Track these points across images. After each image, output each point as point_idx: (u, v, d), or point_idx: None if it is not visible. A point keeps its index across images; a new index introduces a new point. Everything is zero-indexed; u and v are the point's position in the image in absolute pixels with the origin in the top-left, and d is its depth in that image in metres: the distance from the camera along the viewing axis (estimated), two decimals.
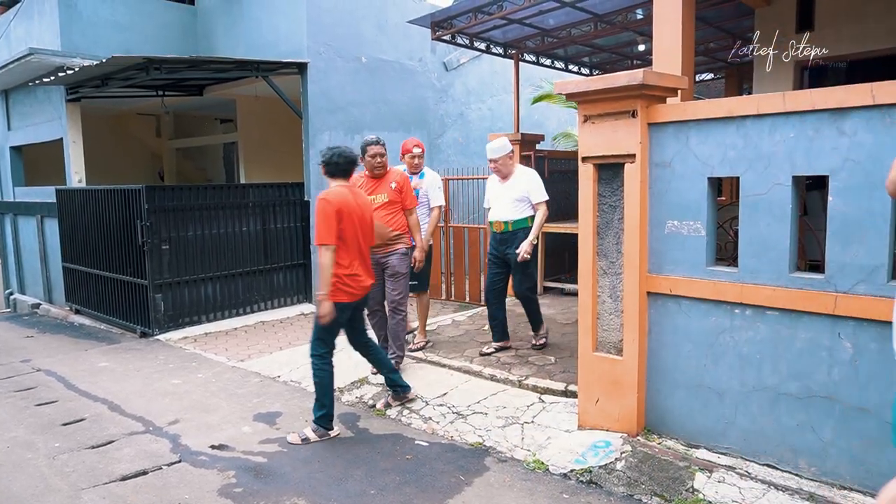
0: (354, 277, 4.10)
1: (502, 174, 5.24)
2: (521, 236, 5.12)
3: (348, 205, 4.01)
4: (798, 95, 3.12)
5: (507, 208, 5.19)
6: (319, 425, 4.16)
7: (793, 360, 3.23)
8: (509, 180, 5.24)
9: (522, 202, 5.18)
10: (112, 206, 7.75)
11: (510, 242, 5.20)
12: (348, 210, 4.00)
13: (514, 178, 5.23)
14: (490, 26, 7.32)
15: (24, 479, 3.69)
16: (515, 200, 5.18)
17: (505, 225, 5.22)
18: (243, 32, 9.35)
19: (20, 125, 10.83)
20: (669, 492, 3.24)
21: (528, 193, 5.16)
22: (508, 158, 5.21)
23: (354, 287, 4.11)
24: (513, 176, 5.25)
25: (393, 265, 4.93)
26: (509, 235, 5.21)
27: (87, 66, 7.47)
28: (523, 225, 5.19)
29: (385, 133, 9.40)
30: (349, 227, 4.01)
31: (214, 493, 3.47)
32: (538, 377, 4.82)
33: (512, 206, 5.18)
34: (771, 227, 3.25)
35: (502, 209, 5.23)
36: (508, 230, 5.20)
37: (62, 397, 5.24)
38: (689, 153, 3.51)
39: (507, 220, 5.20)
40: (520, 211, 5.18)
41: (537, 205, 5.18)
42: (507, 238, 5.22)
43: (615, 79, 3.55)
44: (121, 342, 7.28)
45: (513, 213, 5.18)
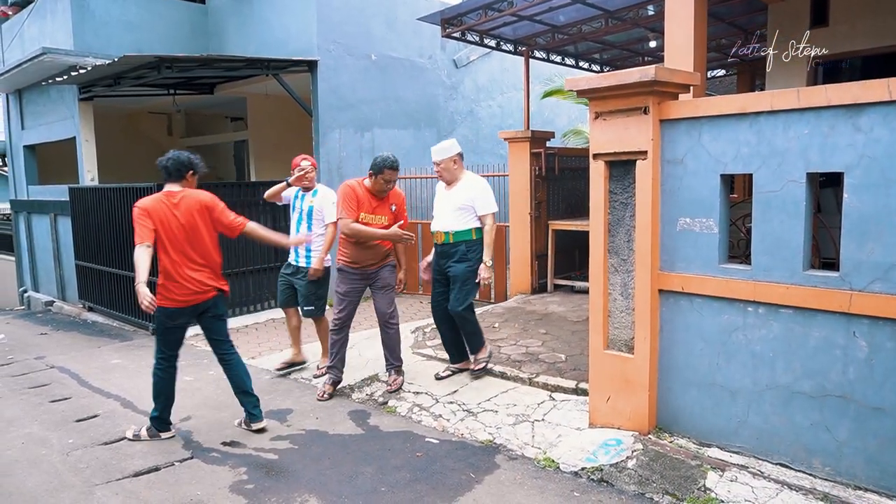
0: (178, 284, 3.99)
1: (446, 179, 4.73)
2: (463, 249, 4.64)
3: (161, 210, 3.94)
4: (813, 91, 3.08)
5: (449, 217, 4.66)
6: (152, 426, 4.22)
7: (807, 359, 3.19)
8: (454, 187, 4.72)
9: (466, 211, 4.63)
10: (124, 205, 7.79)
11: (450, 256, 4.69)
12: (165, 215, 3.94)
13: (460, 186, 4.70)
14: (500, 23, 7.29)
15: (39, 475, 3.73)
16: (458, 209, 4.63)
17: (445, 236, 4.69)
18: (254, 31, 9.38)
19: (34, 124, 10.94)
20: (681, 490, 3.22)
21: (473, 202, 4.62)
22: (453, 163, 4.68)
23: (178, 293, 3.99)
24: (459, 183, 4.71)
25: (384, 277, 4.84)
26: (449, 248, 4.69)
27: (99, 66, 7.52)
28: (466, 237, 4.65)
29: (395, 131, 9.42)
30: (167, 231, 3.94)
31: (226, 490, 3.48)
32: (549, 375, 4.81)
33: (454, 215, 4.64)
34: (785, 225, 3.21)
35: (443, 218, 4.72)
36: (449, 242, 4.68)
37: (76, 394, 5.29)
38: (701, 150, 3.48)
39: (447, 231, 4.67)
40: (462, 221, 4.64)
41: (483, 217, 4.63)
42: (447, 251, 4.71)
43: (627, 75, 3.53)
44: (133, 339, 7.34)
45: (454, 222, 4.64)
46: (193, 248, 4.03)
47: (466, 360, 4.99)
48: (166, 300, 4.01)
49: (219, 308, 4.22)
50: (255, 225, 4.36)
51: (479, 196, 4.63)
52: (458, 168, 4.71)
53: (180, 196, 4.03)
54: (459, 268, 4.65)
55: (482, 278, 4.61)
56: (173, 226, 3.97)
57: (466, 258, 4.65)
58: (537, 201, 7.75)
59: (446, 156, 4.65)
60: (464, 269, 4.64)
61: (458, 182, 4.70)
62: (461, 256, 4.64)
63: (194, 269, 4.04)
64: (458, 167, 4.71)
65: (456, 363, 5.03)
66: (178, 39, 9.95)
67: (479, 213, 4.63)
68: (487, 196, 4.66)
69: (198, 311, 4.14)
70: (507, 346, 5.65)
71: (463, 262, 4.65)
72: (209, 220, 4.10)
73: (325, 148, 8.54)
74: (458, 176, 4.71)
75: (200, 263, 4.07)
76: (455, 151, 4.66)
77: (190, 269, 4.02)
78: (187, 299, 4.05)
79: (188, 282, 4.02)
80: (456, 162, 4.68)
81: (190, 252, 4.02)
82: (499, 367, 5.07)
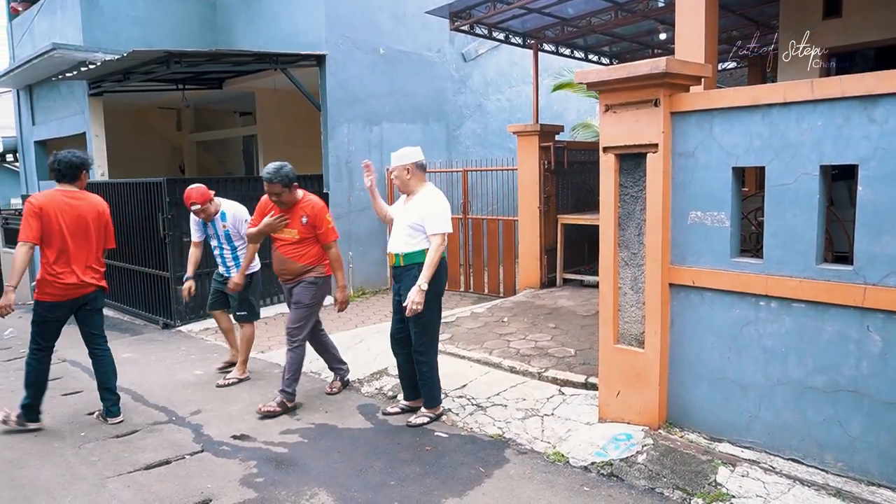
0: (57, 277, 4.13)
1: (402, 190, 4.28)
2: (415, 273, 4.04)
3: (56, 207, 4.12)
4: (827, 83, 3.04)
5: (400, 237, 4.16)
6: (22, 413, 4.29)
7: (819, 354, 3.16)
8: (411, 201, 4.20)
9: (417, 232, 4.10)
10: (134, 200, 7.84)
11: (402, 280, 4.16)
12: (55, 212, 4.11)
13: (415, 200, 4.17)
14: (509, 16, 7.25)
15: (51, 468, 3.76)
16: (408, 227, 4.12)
17: (396, 258, 4.16)
18: (262, 25, 9.38)
19: (44, 120, 11.00)
20: (692, 485, 3.20)
21: (423, 221, 4.06)
22: (406, 172, 4.16)
23: (57, 287, 4.15)
24: (415, 197, 4.19)
25: (297, 293, 4.60)
26: (401, 272, 4.16)
27: (108, 61, 7.55)
28: (418, 259, 4.08)
29: (403, 125, 9.41)
30: (54, 227, 4.11)
31: (236, 483, 3.50)
32: (558, 369, 4.79)
33: (405, 233, 4.13)
34: (798, 218, 3.18)
35: (395, 237, 4.20)
36: (400, 265, 4.15)
37: (87, 387, 5.32)
38: (713, 142, 3.45)
39: (398, 253, 4.14)
40: (414, 242, 4.10)
41: (431, 236, 4.05)
42: (398, 275, 4.21)
43: (637, 67, 3.49)
44: (144, 333, 7.38)
45: (404, 243, 4.12)
46: (82, 247, 4.24)
47: (420, 398, 4.37)
48: (47, 294, 4.18)
49: (98, 302, 4.44)
50: None
51: (427, 214, 4.06)
52: (411, 178, 4.18)
53: (79, 197, 4.28)
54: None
55: (411, 301, 3.94)
56: (67, 224, 4.16)
57: None
58: (546, 195, 7.72)
59: (398, 163, 4.17)
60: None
61: (414, 196, 4.20)
62: (412, 283, 4.04)
63: (80, 267, 4.23)
64: (413, 178, 4.18)
65: (409, 400, 4.45)
66: (186, 34, 9.97)
67: (428, 233, 4.06)
68: (439, 214, 4.09)
69: (77, 305, 4.32)
70: (516, 340, 5.64)
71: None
72: (100, 226, 4.37)
73: (334, 142, 8.54)
74: (414, 189, 4.20)
75: (85, 262, 4.27)
76: (410, 160, 4.16)
77: (76, 266, 4.21)
78: (68, 293, 4.22)
79: (72, 277, 4.19)
80: (409, 171, 4.16)
81: (78, 251, 4.21)
82: (508, 361, 5.06)
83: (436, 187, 4.31)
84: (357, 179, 8.87)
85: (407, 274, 4.12)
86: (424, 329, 4.14)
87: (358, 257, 8.98)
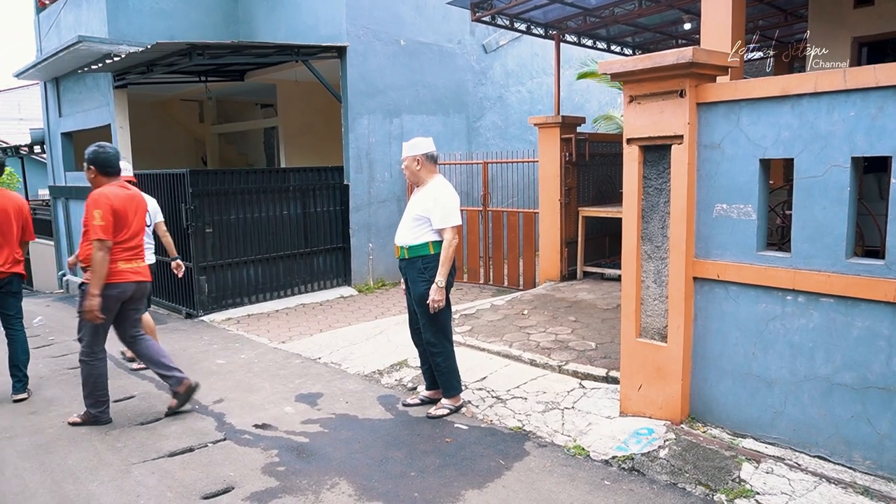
0: None
1: (412, 181, 4.26)
2: (420, 266, 4.08)
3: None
4: (860, 72, 2.96)
5: (406, 228, 4.14)
6: None
7: (848, 350, 3.10)
8: (419, 193, 4.18)
9: (422, 223, 4.07)
10: (158, 190, 7.92)
11: (408, 273, 4.17)
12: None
13: (423, 192, 4.14)
14: (531, 6, 7.18)
15: (79, 453, 3.84)
16: (414, 219, 4.10)
17: (401, 251, 4.16)
18: (283, 17, 9.40)
19: (70, 112, 11.17)
20: (715, 481, 3.17)
21: (429, 213, 4.03)
22: (416, 163, 4.13)
23: None
24: (424, 188, 4.15)
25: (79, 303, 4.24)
26: (406, 264, 4.16)
27: (133, 53, 7.62)
28: (423, 252, 4.07)
29: (424, 116, 9.39)
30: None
31: (258, 472, 3.54)
32: (579, 363, 4.77)
33: (410, 226, 4.11)
34: (827, 211, 3.11)
35: (401, 229, 4.19)
36: (405, 257, 4.14)
37: (112, 375, 5.38)
38: (740, 134, 3.38)
39: (403, 245, 4.14)
40: (418, 234, 4.08)
41: (441, 231, 4.03)
42: (404, 268, 4.20)
43: (663, 57, 3.44)
44: (167, 323, 7.48)
45: (410, 235, 4.10)
46: (4, 237, 4.69)
47: (440, 388, 4.36)
48: None
49: (13, 286, 4.83)
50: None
51: (434, 207, 4.02)
52: (421, 170, 4.14)
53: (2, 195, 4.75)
54: (418, 289, 4.11)
55: (431, 300, 3.99)
56: None
57: (423, 277, 4.08)
58: (567, 187, 7.66)
59: (409, 153, 4.15)
60: (422, 290, 4.07)
61: (423, 187, 4.17)
62: (417, 275, 4.08)
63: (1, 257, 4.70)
64: (423, 169, 4.15)
65: (429, 390, 4.46)
66: (208, 26, 10.04)
67: (435, 227, 4.03)
68: (446, 207, 4.03)
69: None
70: (536, 333, 5.61)
71: (420, 282, 4.09)
72: (21, 220, 4.82)
73: (355, 134, 8.56)
74: (425, 180, 4.17)
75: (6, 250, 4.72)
76: (420, 151, 4.12)
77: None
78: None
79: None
80: (419, 162, 4.13)
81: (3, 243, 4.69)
82: (528, 354, 5.04)
83: (445, 179, 4.26)
84: (377, 171, 8.89)
85: (412, 266, 4.11)
86: (433, 321, 4.12)
87: (378, 249, 9.01)
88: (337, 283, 8.78)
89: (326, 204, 8.60)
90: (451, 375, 4.23)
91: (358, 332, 6.29)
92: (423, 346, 4.31)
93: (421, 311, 4.13)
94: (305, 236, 8.42)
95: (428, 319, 4.13)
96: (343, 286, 8.78)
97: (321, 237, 8.57)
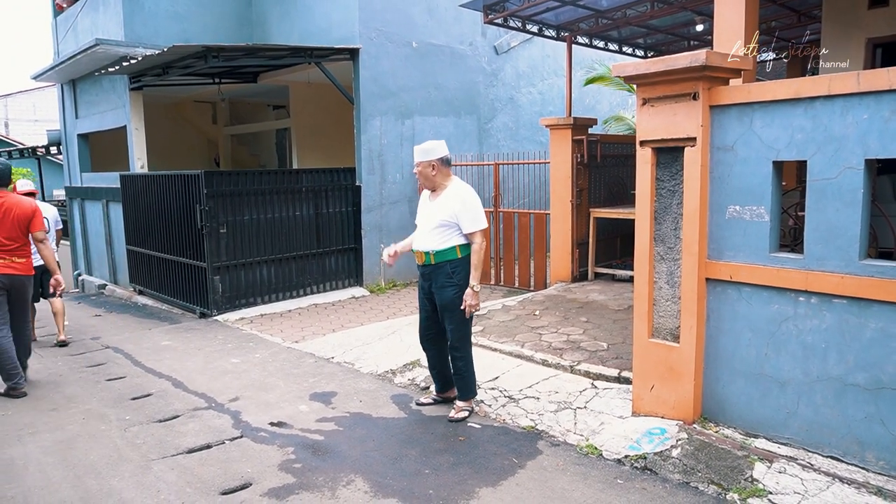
0: None
1: (426, 186, 4.21)
2: (448, 270, 4.04)
3: None
4: (874, 74, 2.98)
5: (430, 234, 4.08)
6: None
7: (861, 351, 3.12)
8: (439, 197, 4.11)
9: (449, 228, 4.03)
10: (173, 191, 8.03)
11: (434, 279, 4.11)
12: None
13: (445, 196, 4.09)
14: (543, 8, 7.22)
15: (100, 449, 3.91)
16: (439, 226, 4.04)
17: (426, 256, 4.10)
18: (296, 19, 9.49)
19: (87, 114, 11.31)
20: (727, 480, 3.19)
21: (456, 218, 4.00)
22: (431, 168, 4.08)
23: None
24: (444, 192, 4.11)
25: None
26: (432, 270, 4.10)
27: (149, 56, 7.73)
28: (450, 256, 4.04)
29: (435, 118, 9.44)
30: None
31: (275, 468, 3.59)
32: (590, 363, 4.79)
33: (435, 231, 4.05)
34: (840, 213, 3.13)
35: (424, 235, 4.13)
36: (430, 263, 4.08)
37: (130, 373, 5.50)
38: (753, 136, 3.41)
39: (427, 251, 4.08)
40: (445, 239, 4.03)
41: (471, 235, 4.02)
42: (429, 273, 4.13)
43: (676, 60, 3.46)
44: (181, 322, 7.58)
45: (435, 241, 4.05)
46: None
47: (452, 388, 4.41)
48: None
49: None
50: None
51: (462, 210, 3.99)
52: (437, 174, 4.10)
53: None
54: (446, 294, 4.06)
55: (468, 305, 4.00)
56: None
57: (452, 282, 4.05)
58: (578, 189, 7.69)
59: (424, 159, 4.08)
60: (451, 295, 4.05)
61: (442, 192, 4.12)
62: (446, 280, 4.05)
63: None
64: (439, 174, 4.11)
65: (442, 392, 4.48)
66: (222, 29, 10.15)
67: (465, 231, 4.02)
68: (473, 210, 4.02)
69: None
70: (548, 333, 5.65)
71: (449, 287, 4.05)
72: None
73: (367, 135, 8.62)
74: (442, 183, 4.13)
75: None
76: (436, 156, 4.07)
77: None
78: None
79: None
80: (435, 167, 4.08)
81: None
82: (540, 354, 5.07)
83: (463, 181, 4.24)
84: (389, 172, 8.95)
85: (439, 271, 4.07)
86: (462, 324, 4.13)
87: None
88: (349, 284, 8.85)
89: (338, 205, 8.67)
90: (470, 378, 4.26)
91: (370, 332, 6.35)
92: (435, 352, 4.36)
93: (450, 316, 4.09)
94: (318, 237, 8.49)
95: (456, 324, 4.11)
96: (355, 286, 8.84)
97: (333, 238, 8.64)
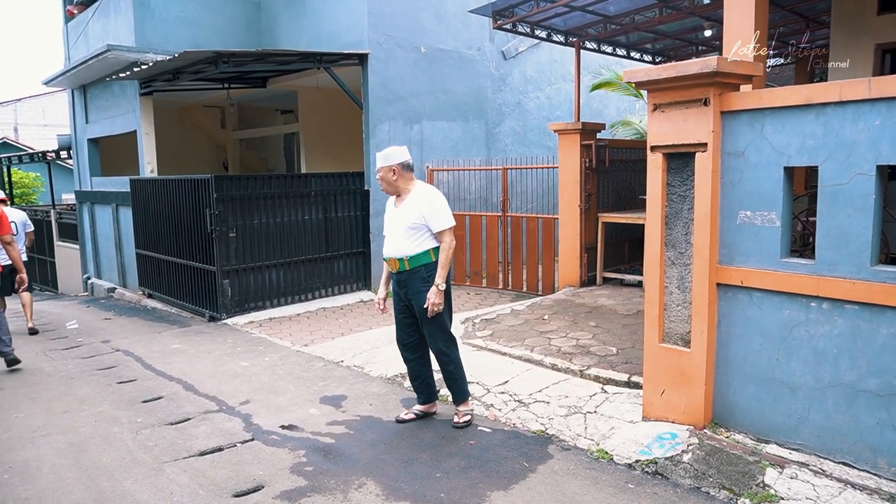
0: None
1: (389, 192, 4.16)
2: (424, 275, 4.00)
3: None
4: (886, 81, 2.99)
5: (400, 240, 4.03)
6: None
7: (873, 356, 3.11)
8: (404, 202, 4.07)
9: (418, 231, 3.98)
10: (182, 195, 8.08)
11: (409, 284, 4.05)
12: None
13: (410, 200, 4.05)
14: (552, 14, 7.25)
15: (113, 451, 3.94)
16: (409, 229, 3.99)
17: (400, 263, 4.04)
18: (305, 24, 9.56)
19: (97, 118, 11.41)
20: (738, 486, 3.19)
21: (425, 219, 3.96)
22: (391, 173, 4.05)
23: None
24: (408, 196, 4.07)
25: None
26: (407, 276, 4.04)
27: (160, 61, 7.79)
28: (425, 261, 4.00)
29: (443, 123, 9.48)
30: None
31: (287, 471, 3.61)
32: (600, 367, 4.80)
33: (405, 236, 4.00)
34: (852, 219, 3.13)
35: (394, 241, 4.07)
36: (405, 269, 4.03)
37: (140, 376, 5.54)
38: (764, 142, 3.42)
39: (401, 257, 4.03)
40: (417, 243, 3.99)
41: (440, 234, 3.99)
42: (404, 280, 4.07)
43: (687, 66, 3.48)
44: (191, 325, 7.62)
45: (407, 246, 4.00)
46: None
47: (434, 401, 4.38)
48: None
49: None
50: None
51: (429, 211, 3.97)
52: (398, 179, 4.07)
53: None
54: (423, 300, 4.01)
55: (431, 304, 3.92)
56: None
57: (429, 286, 3.99)
58: (587, 193, 7.70)
59: (384, 164, 4.06)
60: None
61: (407, 196, 4.09)
62: (422, 285, 4.00)
63: None
64: (400, 178, 4.08)
65: (423, 405, 4.35)
66: (232, 35, 10.23)
67: (435, 230, 3.99)
68: (440, 209, 4.00)
69: None
70: (557, 338, 5.65)
71: (426, 292, 3.99)
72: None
73: (375, 140, 8.66)
74: (405, 188, 4.10)
75: None
76: (396, 160, 4.04)
77: None
78: None
79: None
80: (396, 172, 4.05)
81: None
82: (549, 358, 5.08)
83: (427, 183, 4.17)
84: None
85: (415, 276, 4.02)
86: (441, 328, 4.08)
87: None
88: (357, 288, 8.87)
89: (347, 209, 8.70)
90: (462, 381, 4.21)
91: (379, 336, 6.36)
92: (416, 360, 4.27)
93: (430, 321, 4.04)
94: (326, 241, 8.53)
95: (436, 329, 4.06)
96: (363, 290, 8.87)
97: (342, 242, 8.67)
